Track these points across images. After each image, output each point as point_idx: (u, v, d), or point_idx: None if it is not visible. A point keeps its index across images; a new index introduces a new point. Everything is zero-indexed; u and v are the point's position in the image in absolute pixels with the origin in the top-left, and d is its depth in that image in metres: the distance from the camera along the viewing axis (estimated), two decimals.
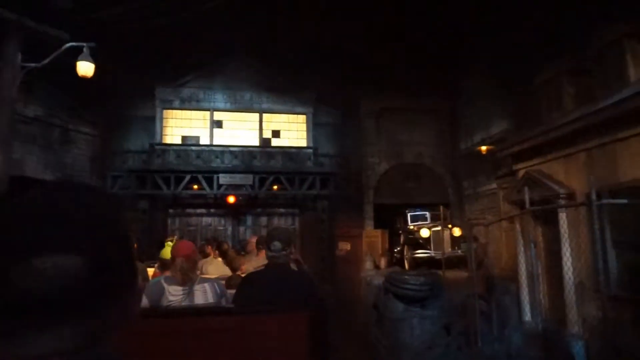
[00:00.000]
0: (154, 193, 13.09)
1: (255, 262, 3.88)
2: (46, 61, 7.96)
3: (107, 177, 13.09)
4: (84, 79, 8.26)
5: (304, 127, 15.42)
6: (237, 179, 13.40)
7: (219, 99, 14.87)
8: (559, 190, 6.43)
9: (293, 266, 2.95)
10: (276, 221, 14.86)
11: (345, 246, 13.16)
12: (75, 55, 8.24)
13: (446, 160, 14.28)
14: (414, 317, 6.58)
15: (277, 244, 2.48)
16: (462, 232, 10.33)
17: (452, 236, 10.37)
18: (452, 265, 9.56)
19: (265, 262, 2.71)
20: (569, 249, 6.12)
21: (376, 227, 13.28)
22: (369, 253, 11.27)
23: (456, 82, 13.40)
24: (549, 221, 6.75)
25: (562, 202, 6.32)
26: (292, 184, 13.70)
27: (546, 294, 6.72)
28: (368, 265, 10.83)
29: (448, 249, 9.95)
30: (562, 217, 6.35)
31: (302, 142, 15.19)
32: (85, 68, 7.85)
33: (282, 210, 15.14)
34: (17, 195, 0.58)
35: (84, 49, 7.89)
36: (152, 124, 14.23)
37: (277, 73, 14.66)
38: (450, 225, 10.63)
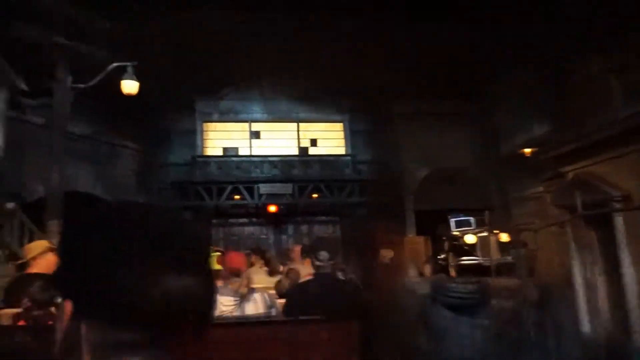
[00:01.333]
0: (197, 204, 13.38)
1: (302, 270, 3.86)
2: (94, 82, 8.30)
3: (152, 190, 13.50)
4: (127, 97, 8.59)
5: (340, 134, 15.41)
6: (277, 188, 13.52)
7: (257, 110, 15.10)
8: (613, 193, 6.06)
9: (340, 275, 2.90)
10: (317, 229, 14.86)
11: (387, 254, 12.93)
12: (117, 73, 8.58)
13: (486, 164, 13.86)
14: (462, 326, 6.36)
15: (324, 254, 2.45)
16: (510, 238, 9.95)
17: (499, 242, 10.00)
18: (501, 272, 9.21)
19: (310, 270, 2.67)
20: (628, 255, 5.76)
21: (418, 233, 13.02)
22: (412, 260, 11.04)
23: (491, 82, 13.03)
24: (603, 225, 6.38)
25: (617, 205, 5.96)
26: (331, 192, 13.68)
27: (605, 302, 6.34)
28: (412, 272, 10.59)
29: (496, 255, 9.60)
30: (619, 221, 5.98)
31: (340, 150, 15.17)
32: (130, 86, 8.14)
33: (322, 218, 15.12)
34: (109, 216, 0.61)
35: (128, 68, 8.19)
36: (193, 136, 14.60)
37: (312, 82, 14.74)
38: (497, 231, 10.27)
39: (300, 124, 15.26)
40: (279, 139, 15.17)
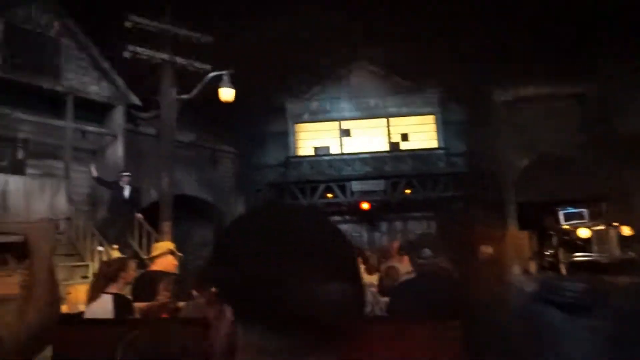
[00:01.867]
0: (292, 204, 13.83)
1: (401, 268, 3.81)
2: (195, 92, 8.90)
3: (250, 191, 14.22)
4: (225, 103, 9.12)
5: (432, 127, 14.94)
6: (369, 185, 13.49)
7: (346, 108, 15.19)
8: None
9: (442, 273, 2.81)
10: (411, 225, 14.58)
11: (487, 249, 12.30)
12: (215, 82, 9.14)
13: (598, 150, 12.50)
14: (577, 329, 5.84)
15: (427, 251, 2.38)
16: (633, 231, 8.90)
17: (620, 236, 8.99)
18: (623, 270, 8.27)
19: (409, 268, 2.62)
20: None
21: (521, 228, 12.18)
22: (515, 257, 10.37)
23: (596, 63, 11.72)
24: None
25: None
26: (424, 187, 13.33)
27: None
28: (515, 269, 9.95)
29: (616, 251, 8.65)
30: None
31: (432, 143, 14.71)
32: (227, 94, 8.61)
33: (416, 214, 14.80)
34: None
35: (224, 77, 8.66)
36: (286, 138, 15.10)
37: (401, 76, 14.47)
38: (616, 224, 9.24)
39: (390, 119, 15.06)
40: (369, 136, 15.12)
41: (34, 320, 1.15)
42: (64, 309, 6.41)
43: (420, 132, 15.06)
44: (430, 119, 14.98)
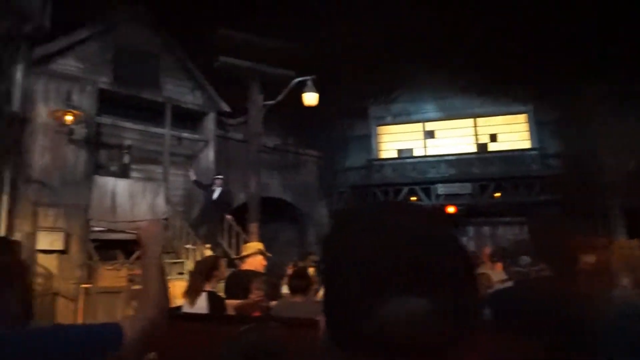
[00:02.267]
0: (408, 203, 13.69)
1: (493, 276, 3.61)
2: (280, 97, 9.17)
3: (333, 194, 14.37)
4: (308, 108, 9.31)
5: (524, 127, 14.02)
6: (455, 188, 13.00)
7: (430, 109, 14.78)
8: None
9: (546, 283, 2.60)
10: (501, 231, 13.78)
11: (588, 259, 11.26)
12: (299, 87, 9.35)
13: None
14: None
15: (525, 259, 2.22)
16: None
17: None
18: None
19: (502, 276, 2.45)
20: None
21: (630, 236, 10.97)
22: (625, 268, 9.35)
23: None
24: None
25: None
26: (516, 190, 12.54)
27: None
28: (625, 282, 8.98)
29: None
30: None
31: (524, 144, 13.80)
32: (310, 98, 8.77)
33: (506, 219, 13.96)
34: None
35: (308, 82, 8.83)
36: (367, 141, 15.05)
37: (489, 74, 13.75)
38: None
39: (477, 119, 14.39)
40: (454, 137, 14.57)
41: (150, 313, 1.24)
42: None
43: (511, 132, 14.20)
44: (521, 118, 14.07)
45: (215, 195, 9.44)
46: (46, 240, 7.79)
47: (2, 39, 7.80)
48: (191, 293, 3.36)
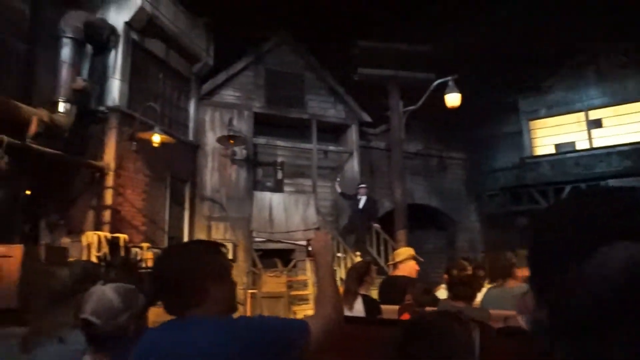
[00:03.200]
0: (531, 208, 12.55)
1: None
2: (421, 102, 9.05)
3: (482, 197, 13.56)
4: (449, 109, 8.98)
5: None
6: (631, 182, 11.18)
7: (593, 95, 13.02)
8: None
9: None
10: None
11: None
12: (439, 89, 9.09)
13: None
14: None
15: None
16: None
17: None
18: None
19: None
20: None
21: None
22: None
23: None
24: None
25: None
26: None
27: None
28: None
29: None
30: None
31: None
32: (453, 99, 8.48)
33: None
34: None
35: (449, 83, 8.56)
36: (518, 138, 13.89)
37: None
38: None
39: None
40: (627, 124, 12.57)
41: (329, 314, 1.35)
42: None
43: None
44: None
45: (361, 204, 9.64)
46: None
47: (181, 79, 9.21)
48: (348, 297, 3.49)
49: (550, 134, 13.67)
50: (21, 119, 5.81)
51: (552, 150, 13.44)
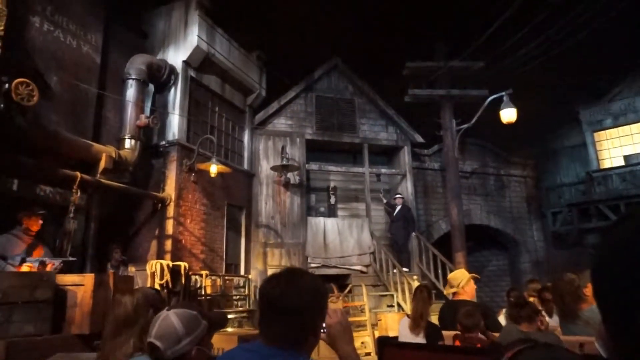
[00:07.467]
0: (602, 225, 11.73)
1: None
2: (475, 119, 8.84)
3: (546, 215, 12.87)
4: (505, 126, 8.69)
5: None
6: None
7: None
8: None
9: None
10: None
11: None
12: (493, 105, 8.84)
13: None
14: None
15: None
16: None
17: None
18: None
19: None
20: None
21: None
22: None
23: None
24: None
25: None
26: None
27: None
28: None
29: None
30: None
31: None
32: (509, 115, 8.23)
33: None
34: None
35: (504, 98, 8.32)
36: (582, 151, 13.16)
37: None
38: None
39: None
40: None
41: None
42: (376, 334, 7.14)
43: None
44: None
45: (396, 211, 9.90)
46: None
47: (236, 111, 9.59)
48: (419, 322, 3.47)
49: (618, 144, 12.82)
50: (92, 157, 6.28)
51: (621, 162, 12.58)
